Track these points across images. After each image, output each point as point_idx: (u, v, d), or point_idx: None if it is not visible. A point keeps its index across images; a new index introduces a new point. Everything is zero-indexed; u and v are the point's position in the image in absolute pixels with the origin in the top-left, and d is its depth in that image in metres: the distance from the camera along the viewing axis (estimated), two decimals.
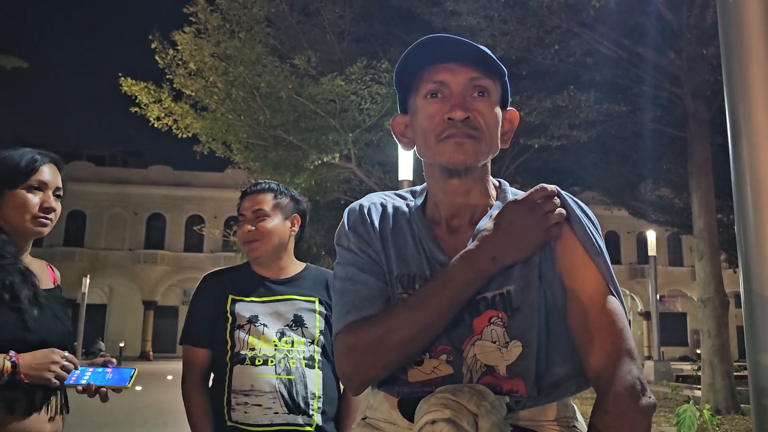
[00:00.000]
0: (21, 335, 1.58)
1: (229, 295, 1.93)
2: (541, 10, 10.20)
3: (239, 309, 1.91)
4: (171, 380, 17.65)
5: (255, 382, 1.81)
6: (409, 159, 8.71)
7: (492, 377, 1.04)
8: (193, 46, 13.07)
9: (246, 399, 1.80)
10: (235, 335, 1.88)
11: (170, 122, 14.30)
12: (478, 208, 1.15)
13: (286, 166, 14.63)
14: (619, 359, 0.98)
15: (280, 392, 1.81)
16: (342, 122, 13.06)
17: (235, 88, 13.11)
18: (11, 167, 1.66)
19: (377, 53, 14.09)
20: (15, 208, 1.65)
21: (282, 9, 13.82)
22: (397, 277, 1.12)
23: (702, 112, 10.42)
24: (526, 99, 11.67)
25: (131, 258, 35.04)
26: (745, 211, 1.65)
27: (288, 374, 1.84)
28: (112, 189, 34.80)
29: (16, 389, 1.55)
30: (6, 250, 1.64)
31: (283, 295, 1.96)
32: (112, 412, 8.66)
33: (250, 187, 2.08)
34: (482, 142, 1.11)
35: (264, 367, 1.83)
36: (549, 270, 1.07)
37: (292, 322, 1.92)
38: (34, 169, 1.68)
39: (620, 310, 1.04)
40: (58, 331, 1.69)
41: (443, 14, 12.24)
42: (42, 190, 1.69)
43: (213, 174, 35.13)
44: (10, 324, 1.57)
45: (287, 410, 1.81)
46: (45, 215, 1.69)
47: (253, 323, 1.89)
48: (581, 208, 1.11)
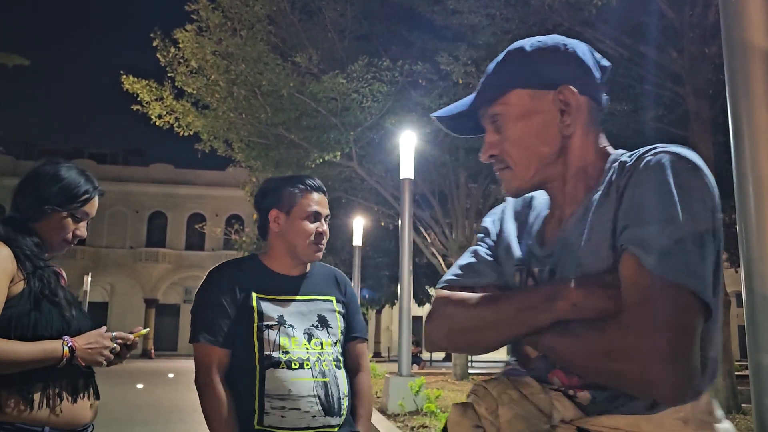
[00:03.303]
0: (65, 328, 1.72)
1: (252, 292, 1.86)
2: (543, 9, 10.18)
3: (266, 308, 1.85)
4: (172, 378, 17.67)
5: (292, 387, 1.78)
6: (411, 158, 8.68)
7: (562, 374, 1.02)
8: (194, 44, 13.08)
9: (283, 403, 1.77)
10: (264, 336, 1.82)
11: (172, 120, 14.31)
12: (578, 193, 1.10)
13: (287, 164, 14.63)
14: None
15: (318, 395, 1.80)
16: (343, 120, 13.05)
17: (237, 86, 13.11)
18: (68, 192, 1.80)
19: (379, 51, 14.08)
20: (53, 227, 1.80)
21: (283, 7, 13.81)
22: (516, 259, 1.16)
23: (704, 111, 10.39)
24: None
25: (132, 256, 35.08)
26: (747, 210, 1.65)
27: (323, 377, 1.83)
28: (114, 187, 34.79)
29: (62, 377, 1.68)
30: (43, 255, 1.78)
31: (304, 295, 1.94)
32: (113, 411, 8.66)
33: (318, 185, 2.00)
34: (516, 166, 1.11)
35: (301, 371, 1.80)
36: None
37: (318, 323, 1.91)
38: (86, 201, 1.84)
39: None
40: (88, 326, 1.81)
41: (444, 13, 12.23)
42: (82, 220, 1.86)
43: (214, 172, 35.17)
44: (56, 319, 1.71)
45: (324, 413, 1.80)
46: (72, 241, 1.86)
47: (282, 324, 1.84)
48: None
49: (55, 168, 1.82)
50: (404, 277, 8.34)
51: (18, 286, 1.67)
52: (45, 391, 1.65)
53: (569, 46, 1.11)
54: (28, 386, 1.63)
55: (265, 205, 1.96)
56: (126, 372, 19.30)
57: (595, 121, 1.12)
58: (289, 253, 1.95)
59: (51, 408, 1.65)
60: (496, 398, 0.97)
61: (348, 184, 16.83)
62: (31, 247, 1.73)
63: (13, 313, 1.64)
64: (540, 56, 1.11)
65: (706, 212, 0.93)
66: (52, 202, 1.78)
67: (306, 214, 1.93)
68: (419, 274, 23.74)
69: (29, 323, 1.65)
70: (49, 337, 1.66)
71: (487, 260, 1.18)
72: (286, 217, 1.93)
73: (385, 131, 13.28)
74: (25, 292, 1.67)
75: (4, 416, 1.59)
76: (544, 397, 0.97)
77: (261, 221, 1.99)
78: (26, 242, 1.73)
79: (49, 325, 1.68)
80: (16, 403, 1.61)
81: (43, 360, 1.62)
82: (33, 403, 1.63)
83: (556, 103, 1.08)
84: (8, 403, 1.60)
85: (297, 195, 1.93)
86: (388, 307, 30.18)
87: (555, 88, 1.08)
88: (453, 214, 16.86)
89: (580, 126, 1.09)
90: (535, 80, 1.10)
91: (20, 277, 1.67)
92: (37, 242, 1.77)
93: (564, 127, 1.08)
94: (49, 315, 1.70)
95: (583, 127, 1.09)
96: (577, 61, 1.10)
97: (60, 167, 1.83)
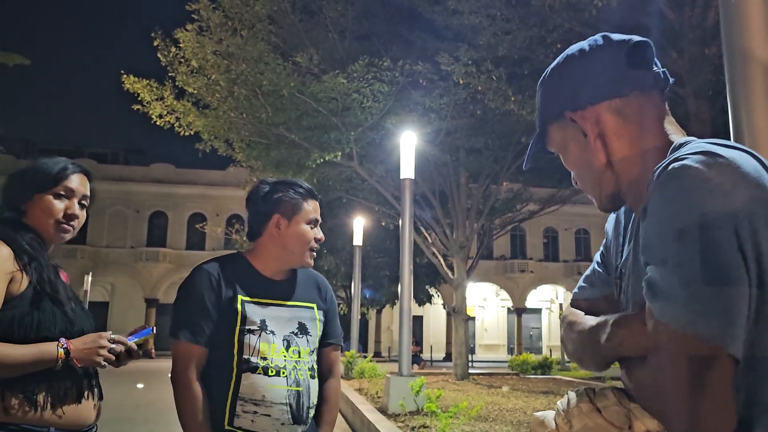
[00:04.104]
0: (68, 327, 1.71)
1: (239, 294, 1.86)
2: (543, 10, 10.19)
3: (250, 312, 1.85)
4: None
5: (267, 393, 1.80)
6: (411, 158, 8.68)
7: None
8: (195, 44, 13.07)
9: (255, 408, 1.79)
10: (245, 339, 1.82)
11: (172, 120, 14.31)
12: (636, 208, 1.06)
13: (288, 164, 14.63)
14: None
15: (289, 404, 1.82)
16: (344, 120, 13.05)
17: (237, 86, 13.10)
18: (44, 173, 1.79)
19: (379, 51, 14.08)
20: (41, 211, 1.78)
21: (284, 7, 13.81)
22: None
23: (704, 112, 10.40)
24: (528, 98, 11.66)
25: (133, 255, 35.08)
26: None
27: (297, 386, 1.85)
28: (114, 186, 34.81)
29: (66, 378, 1.67)
30: (43, 253, 1.76)
31: (285, 300, 1.94)
32: (113, 410, 8.67)
33: (315, 192, 2.04)
34: (586, 191, 1.11)
35: (276, 378, 1.82)
36: None
37: (297, 330, 1.91)
38: (64, 177, 1.81)
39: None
40: (91, 324, 1.82)
41: (445, 13, 12.24)
42: (68, 198, 1.81)
43: (215, 172, 35.17)
44: (58, 317, 1.70)
45: (293, 421, 1.82)
46: (68, 222, 1.80)
47: (264, 330, 1.85)
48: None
49: (34, 161, 1.87)
50: (405, 277, 8.35)
51: (19, 285, 1.65)
52: (49, 392, 1.65)
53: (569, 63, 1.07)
54: (33, 387, 1.63)
55: (267, 209, 1.95)
56: (127, 371, 19.26)
57: (635, 118, 1.02)
58: (281, 257, 1.95)
59: (55, 409, 1.65)
60: (570, 410, 0.97)
61: (348, 184, 16.83)
62: (31, 243, 1.72)
63: (15, 313, 1.63)
64: (552, 83, 1.10)
65: (726, 239, 0.78)
66: (33, 189, 1.78)
67: (307, 220, 1.96)
68: (420, 274, 23.75)
69: (32, 323, 1.65)
70: (52, 338, 1.66)
71: (598, 270, 1.18)
72: (287, 223, 1.94)
73: (386, 131, 13.28)
74: (26, 293, 1.66)
75: (9, 417, 1.59)
76: (618, 410, 0.94)
77: (257, 223, 1.97)
78: (26, 239, 1.72)
79: (52, 325, 1.68)
80: (20, 404, 1.61)
81: (37, 362, 1.61)
82: (37, 404, 1.63)
83: (575, 126, 1.06)
84: (13, 404, 1.60)
85: (299, 201, 1.96)
86: (389, 307, 30.18)
87: (576, 109, 1.05)
88: (453, 214, 16.86)
89: (614, 136, 1.03)
90: (554, 110, 1.09)
91: (21, 276, 1.66)
92: (37, 239, 1.76)
93: (597, 145, 1.04)
94: (52, 315, 1.69)
95: (618, 134, 1.02)
96: (586, 72, 1.05)
97: (38, 159, 1.86)
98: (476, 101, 12.78)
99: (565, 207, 21.24)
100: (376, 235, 23.07)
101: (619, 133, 1.02)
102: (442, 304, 34.92)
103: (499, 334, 40.58)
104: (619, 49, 1.03)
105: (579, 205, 28.21)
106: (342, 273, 24.34)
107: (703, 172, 0.82)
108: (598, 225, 37.25)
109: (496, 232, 20.94)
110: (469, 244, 17.00)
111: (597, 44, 1.05)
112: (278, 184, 2.01)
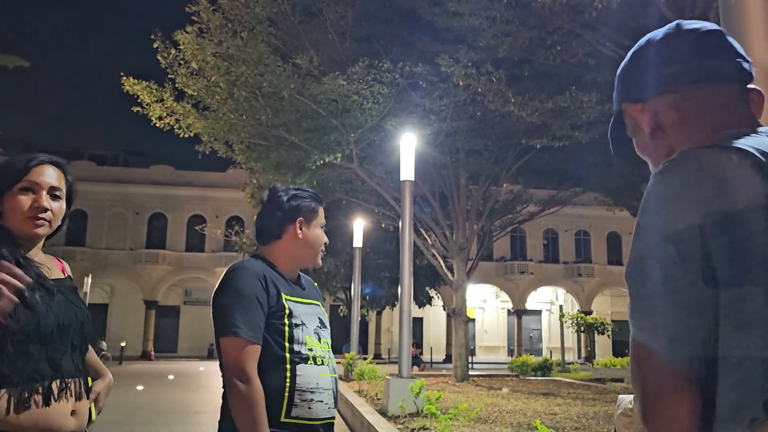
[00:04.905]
0: (34, 320, 1.54)
1: (281, 292, 1.98)
2: (543, 11, 10.19)
3: (293, 307, 2.00)
4: (172, 380, 17.66)
5: (319, 381, 1.96)
6: (411, 159, 8.69)
7: None
8: (195, 46, 13.07)
9: (312, 396, 1.93)
10: (295, 333, 1.96)
11: (172, 122, 14.31)
12: None
13: (287, 166, 14.65)
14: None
15: (333, 389, 2.02)
16: (344, 122, 13.06)
17: (237, 88, 13.11)
18: (7, 171, 1.70)
19: (379, 53, 14.09)
20: (9, 209, 1.67)
21: (284, 9, 13.81)
22: None
23: None
24: (528, 100, 11.66)
25: (133, 257, 35.07)
26: None
27: (333, 373, 2.05)
28: (114, 188, 34.83)
29: (33, 380, 1.51)
30: (20, 251, 1.64)
31: (306, 298, 2.09)
32: (112, 412, 8.66)
33: (323, 200, 2.22)
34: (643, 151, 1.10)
35: (323, 367, 1.99)
36: None
37: (320, 325, 2.07)
38: (26, 170, 1.70)
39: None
40: (75, 314, 1.68)
41: (445, 15, 12.25)
42: (34, 191, 1.70)
43: (215, 174, 35.17)
44: (19, 311, 1.47)
45: (334, 404, 2.03)
46: (37, 215, 1.68)
47: (305, 324, 2.00)
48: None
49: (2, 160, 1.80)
50: (405, 278, 8.35)
51: None
52: (12, 396, 1.48)
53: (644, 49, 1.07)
54: None
55: (291, 213, 2.09)
56: (126, 373, 19.31)
57: (696, 110, 1.00)
58: (300, 258, 2.12)
59: (18, 413, 1.48)
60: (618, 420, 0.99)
61: (348, 186, 16.85)
62: (6, 245, 1.62)
63: None
64: (627, 67, 1.11)
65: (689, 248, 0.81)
66: (1, 189, 1.69)
67: (322, 224, 2.17)
68: (420, 275, 23.75)
69: None
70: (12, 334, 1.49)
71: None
72: (308, 226, 2.11)
73: (386, 133, 13.29)
74: None
75: None
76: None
77: (278, 225, 2.08)
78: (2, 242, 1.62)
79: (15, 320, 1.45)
80: None
81: None
82: None
83: (642, 115, 1.06)
84: None
85: (316, 206, 2.14)
86: (389, 309, 30.17)
87: (640, 101, 1.06)
88: (453, 216, 16.86)
89: (673, 129, 1.02)
90: (626, 95, 1.10)
91: None
92: (13, 240, 1.66)
93: (659, 137, 1.04)
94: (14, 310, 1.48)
95: (677, 125, 1.01)
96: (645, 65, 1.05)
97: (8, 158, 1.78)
98: (476, 103, 12.78)
99: (565, 208, 21.26)
100: (376, 237, 23.07)
101: (679, 124, 1.01)
102: (442, 305, 34.90)
103: (499, 336, 40.57)
104: (688, 38, 1.03)
105: (579, 207, 28.23)
106: (342, 274, 24.35)
107: (675, 181, 0.85)
108: (599, 226, 37.37)
109: (496, 234, 20.96)
110: (469, 245, 17.00)
111: (670, 32, 1.06)
112: (296, 190, 2.16)
